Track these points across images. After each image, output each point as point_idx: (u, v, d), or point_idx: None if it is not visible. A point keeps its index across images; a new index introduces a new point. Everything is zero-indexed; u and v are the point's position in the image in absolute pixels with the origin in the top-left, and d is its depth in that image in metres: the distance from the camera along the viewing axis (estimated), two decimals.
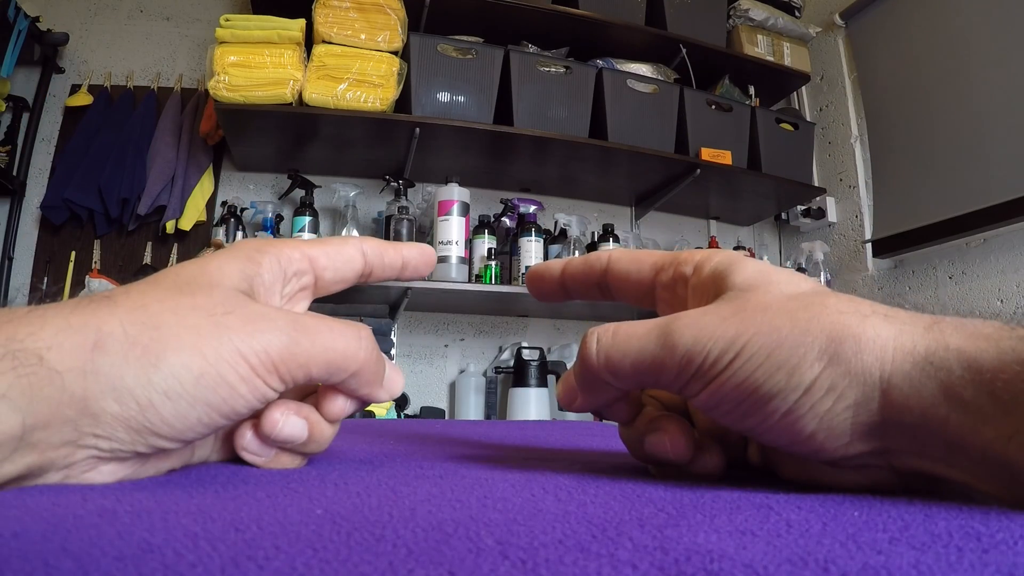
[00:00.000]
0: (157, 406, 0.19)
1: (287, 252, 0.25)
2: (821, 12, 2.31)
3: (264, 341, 0.20)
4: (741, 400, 0.20)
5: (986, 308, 1.72)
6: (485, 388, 2.01)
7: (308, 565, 0.11)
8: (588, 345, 0.22)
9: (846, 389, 0.18)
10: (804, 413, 0.19)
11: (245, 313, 0.21)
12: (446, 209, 1.77)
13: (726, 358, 0.19)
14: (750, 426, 0.20)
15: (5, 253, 1.86)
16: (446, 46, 1.77)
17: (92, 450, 0.19)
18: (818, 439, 0.19)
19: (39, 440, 0.18)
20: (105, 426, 0.19)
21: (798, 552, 0.12)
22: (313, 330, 0.22)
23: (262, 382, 0.20)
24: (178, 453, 0.23)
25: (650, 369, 0.21)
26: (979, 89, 1.75)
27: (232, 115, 1.68)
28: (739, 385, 0.19)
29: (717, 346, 0.20)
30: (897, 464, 0.19)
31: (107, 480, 0.20)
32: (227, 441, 0.27)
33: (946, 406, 0.17)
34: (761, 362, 0.19)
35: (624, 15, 1.99)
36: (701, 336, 0.20)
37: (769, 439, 0.20)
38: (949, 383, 0.17)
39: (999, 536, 0.14)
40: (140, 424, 0.19)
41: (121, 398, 0.18)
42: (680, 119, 1.99)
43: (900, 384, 0.18)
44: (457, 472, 0.24)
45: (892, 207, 2.02)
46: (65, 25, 1.97)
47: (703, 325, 0.20)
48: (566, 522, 0.15)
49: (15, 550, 0.12)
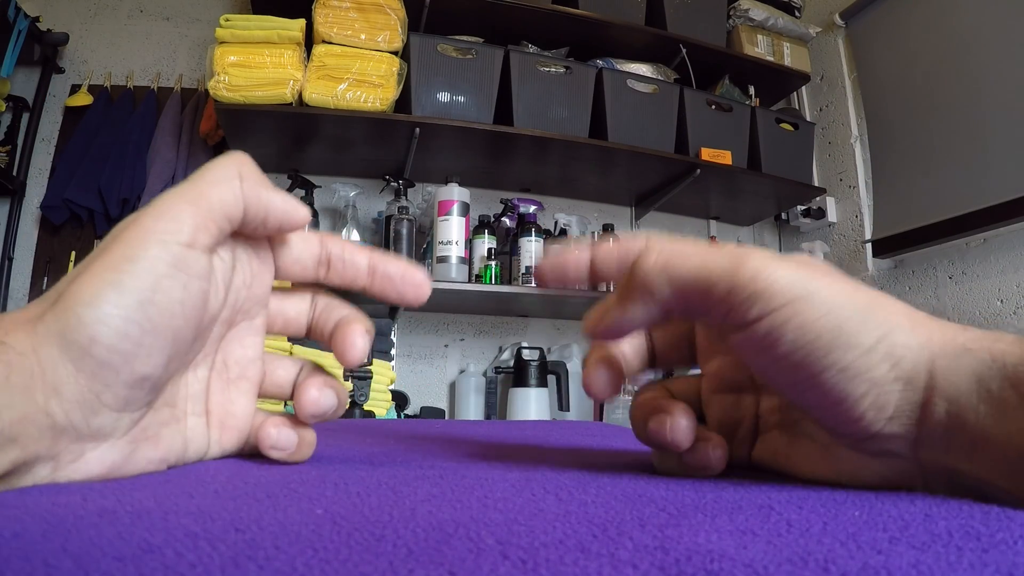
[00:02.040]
0: (97, 336, 0.19)
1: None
2: (821, 12, 2.31)
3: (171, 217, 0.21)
4: (799, 346, 0.19)
5: (986, 308, 1.72)
6: (485, 388, 2.01)
7: (308, 565, 0.11)
8: (648, 248, 0.21)
9: (902, 360, 0.19)
10: (860, 373, 0.19)
11: (151, 210, 0.21)
12: (446, 209, 1.77)
13: (793, 292, 0.19)
14: (800, 378, 0.19)
15: (5, 253, 1.86)
16: (446, 46, 1.77)
17: (71, 431, 0.19)
18: (864, 405, 0.19)
19: (19, 433, 0.18)
20: (68, 393, 0.19)
21: (798, 552, 0.12)
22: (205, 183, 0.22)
23: (172, 239, 0.20)
24: (167, 441, 0.23)
25: (708, 283, 0.20)
26: (979, 89, 1.75)
27: (232, 115, 1.68)
28: (801, 327, 0.19)
29: (786, 280, 0.19)
30: (923, 457, 0.20)
31: (96, 470, 0.20)
32: (224, 428, 0.26)
33: (976, 395, 0.18)
34: (827, 311, 0.19)
35: (624, 15, 1.99)
36: (769, 266, 0.19)
37: (813, 397, 0.20)
38: (981, 373, 0.18)
39: (999, 536, 0.14)
40: (94, 367, 0.19)
41: (67, 349, 0.19)
42: (680, 119, 1.99)
43: (944, 368, 0.19)
44: (457, 472, 0.24)
45: (892, 207, 2.02)
46: (65, 25, 1.97)
47: (772, 260, 0.20)
48: (566, 522, 0.15)
49: (15, 550, 0.12)
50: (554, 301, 1.92)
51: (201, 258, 0.21)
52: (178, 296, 0.20)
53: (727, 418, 0.27)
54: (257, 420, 0.27)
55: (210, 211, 0.21)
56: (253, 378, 0.27)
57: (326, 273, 0.27)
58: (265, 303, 0.27)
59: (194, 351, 0.24)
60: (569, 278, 0.27)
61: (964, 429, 0.18)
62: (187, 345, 0.22)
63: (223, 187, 0.22)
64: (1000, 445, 0.18)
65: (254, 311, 0.27)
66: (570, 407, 1.88)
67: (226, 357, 0.26)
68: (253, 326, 0.27)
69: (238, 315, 0.26)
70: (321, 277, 0.28)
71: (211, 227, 0.21)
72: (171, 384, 0.24)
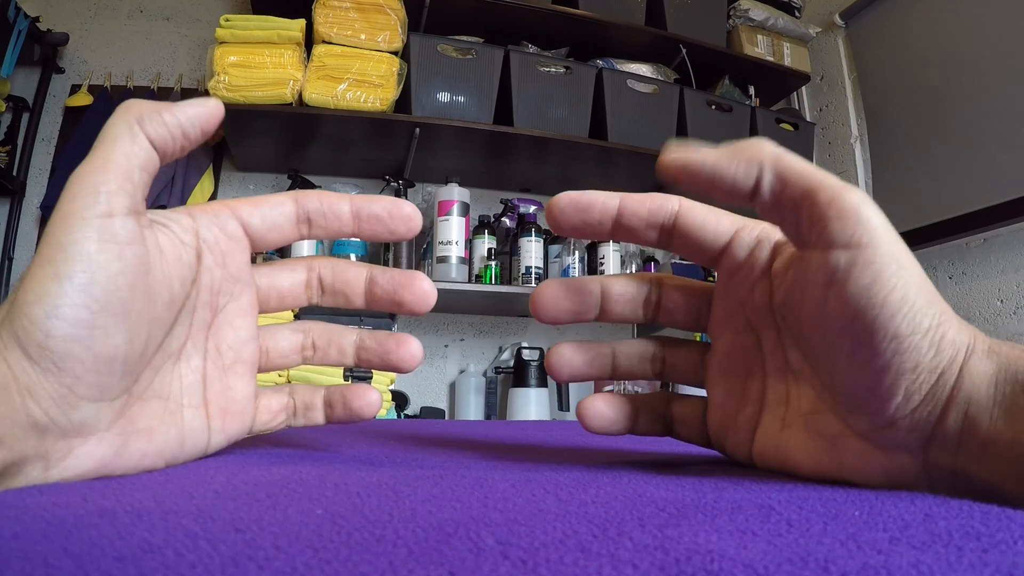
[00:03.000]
0: (49, 331, 0.19)
1: (211, 209, 0.25)
2: (821, 12, 2.31)
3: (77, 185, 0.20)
4: (870, 295, 0.19)
5: (986, 308, 1.72)
6: (485, 388, 2.01)
7: (308, 565, 0.11)
8: (762, 140, 0.22)
9: (942, 351, 0.19)
10: (910, 350, 0.19)
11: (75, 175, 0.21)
12: (446, 209, 1.77)
13: (888, 244, 0.19)
14: (856, 331, 0.19)
15: (5, 253, 1.86)
16: (446, 46, 1.77)
17: (54, 428, 0.19)
18: (903, 384, 0.19)
19: (2, 435, 0.18)
20: (42, 392, 0.19)
21: (798, 552, 0.12)
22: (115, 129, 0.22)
23: (91, 214, 0.20)
24: (160, 433, 0.23)
25: (813, 187, 0.20)
26: (979, 89, 1.75)
27: (232, 115, 1.68)
28: (879, 276, 0.19)
29: (886, 232, 0.19)
30: (932, 456, 0.20)
31: (88, 466, 0.20)
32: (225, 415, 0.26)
33: (992, 399, 0.19)
34: (907, 279, 0.19)
35: (624, 15, 1.99)
36: (876, 212, 0.20)
37: (859, 359, 0.20)
38: (999, 378, 0.19)
39: (999, 536, 0.14)
40: (56, 360, 0.19)
41: (27, 350, 0.19)
42: (680, 119, 1.99)
43: (971, 368, 0.19)
44: (457, 472, 0.24)
45: (892, 207, 2.02)
46: (65, 25, 1.97)
47: (879, 213, 0.20)
48: (567, 522, 0.15)
49: (15, 550, 0.12)
50: None
51: (127, 223, 0.21)
52: (116, 268, 0.20)
53: (730, 402, 0.26)
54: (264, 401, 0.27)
55: (119, 170, 0.21)
56: (249, 360, 0.27)
57: (308, 230, 0.27)
58: (248, 281, 0.27)
59: (164, 326, 0.23)
60: (592, 220, 0.25)
61: (977, 432, 0.19)
62: (147, 318, 0.22)
63: (124, 141, 0.21)
64: (1010, 449, 0.18)
65: (237, 290, 0.26)
66: (570, 407, 1.88)
67: (218, 343, 0.26)
68: (241, 307, 0.26)
69: (220, 297, 0.26)
70: (304, 235, 0.27)
71: (126, 186, 0.21)
72: (161, 376, 0.24)
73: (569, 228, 0.25)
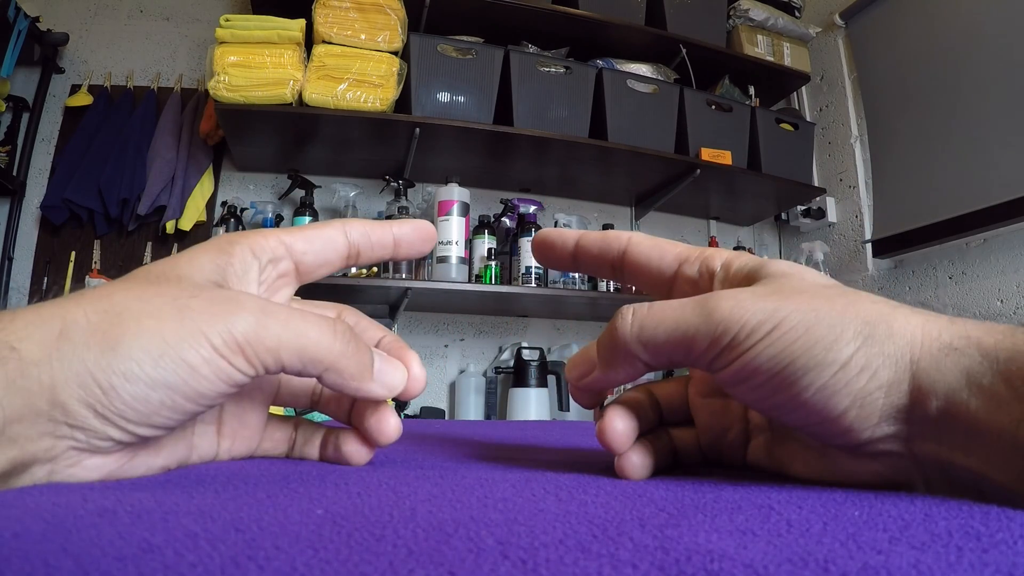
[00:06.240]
0: (118, 389, 0.19)
1: (260, 240, 0.25)
2: (821, 12, 2.31)
3: (228, 322, 0.20)
4: (775, 373, 0.19)
5: (986, 308, 1.72)
6: (485, 388, 2.01)
7: (308, 565, 0.11)
8: (622, 316, 0.22)
9: (880, 369, 0.19)
10: (839, 389, 0.19)
11: (211, 296, 0.21)
12: (446, 209, 1.77)
13: (764, 328, 0.19)
14: (780, 401, 0.20)
15: (5, 253, 1.86)
16: (446, 46, 1.77)
17: (70, 440, 0.19)
18: (849, 418, 0.19)
19: (18, 434, 0.18)
20: (75, 415, 0.19)
21: (798, 552, 0.12)
22: (284, 316, 0.21)
23: (226, 363, 0.20)
24: (169, 448, 0.23)
25: (683, 340, 0.21)
26: (979, 89, 1.75)
27: (232, 115, 1.68)
28: (775, 356, 0.19)
29: (756, 317, 0.20)
30: (917, 451, 0.20)
31: (93, 475, 0.20)
32: (235, 439, 0.26)
33: (967, 391, 0.18)
34: (800, 335, 0.19)
35: (624, 15, 1.99)
36: (739, 307, 0.20)
37: (797, 417, 0.20)
38: (971, 369, 0.18)
39: (999, 536, 0.14)
40: (106, 409, 0.19)
41: (84, 383, 0.18)
42: (680, 119, 1.99)
43: (928, 368, 0.19)
44: (457, 472, 0.24)
45: (892, 207, 2.02)
46: (65, 25, 1.97)
47: (742, 299, 0.20)
48: (567, 522, 0.15)
49: (15, 550, 0.12)
50: (554, 301, 1.92)
51: (243, 377, 0.21)
52: (207, 388, 0.20)
53: (715, 423, 0.27)
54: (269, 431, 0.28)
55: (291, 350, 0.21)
56: (267, 390, 0.27)
57: (356, 262, 0.28)
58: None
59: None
60: (553, 256, 0.29)
61: (956, 422, 0.18)
62: (198, 408, 0.22)
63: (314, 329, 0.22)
64: (993, 437, 0.18)
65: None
66: (570, 407, 1.88)
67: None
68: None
69: None
70: (350, 266, 0.28)
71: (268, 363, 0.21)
72: None
73: (542, 261, 0.30)
